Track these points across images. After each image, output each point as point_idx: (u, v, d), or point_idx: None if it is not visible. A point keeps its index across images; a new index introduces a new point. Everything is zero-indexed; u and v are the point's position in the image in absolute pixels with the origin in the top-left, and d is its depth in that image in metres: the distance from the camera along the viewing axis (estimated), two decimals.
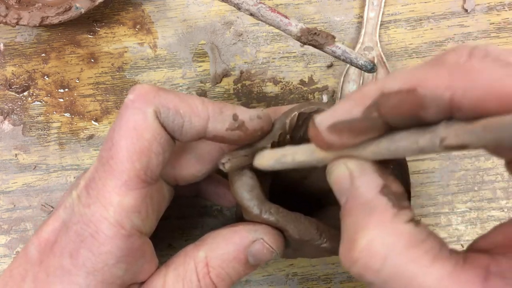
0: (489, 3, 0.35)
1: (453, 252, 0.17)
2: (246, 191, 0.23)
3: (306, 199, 0.29)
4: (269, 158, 0.22)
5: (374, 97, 0.17)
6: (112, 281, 0.21)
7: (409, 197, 0.24)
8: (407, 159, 0.34)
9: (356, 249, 0.17)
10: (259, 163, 0.23)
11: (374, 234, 0.17)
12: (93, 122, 0.34)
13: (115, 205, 0.21)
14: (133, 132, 0.21)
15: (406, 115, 0.17)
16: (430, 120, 0.17)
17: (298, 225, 0.23)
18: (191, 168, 0.25)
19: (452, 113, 0.16)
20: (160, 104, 0.21)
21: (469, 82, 0.15)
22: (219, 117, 0.22)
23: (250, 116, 0.23)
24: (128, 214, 0.21)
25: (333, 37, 0.27)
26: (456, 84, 0.16)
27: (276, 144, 0.24)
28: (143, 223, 0.22)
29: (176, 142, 0.23)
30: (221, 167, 0.22)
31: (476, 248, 0.19)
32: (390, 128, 0.18)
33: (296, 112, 0.24)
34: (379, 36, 0.34)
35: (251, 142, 0.24)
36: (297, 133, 0.24)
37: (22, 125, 0.34)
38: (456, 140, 0.16)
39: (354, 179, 0.19)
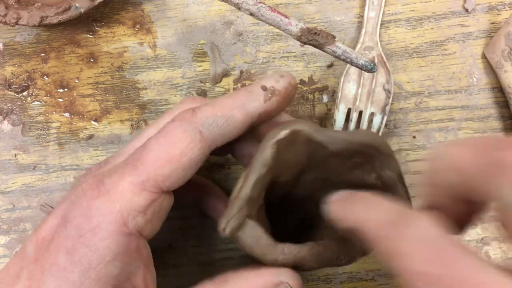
0: (489, 2, 0.35)
1: None
2: (253, 243, 0.23)
3: (300, 208, 0.29)
4: None
5: None
6: (106, 280, 0.21)
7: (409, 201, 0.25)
8: (408, 159, 0.34)
9: None
10: None
11: None
12: (92, 122, 0.34)
13: (124, 200, 0.21)
14: (169, 142, 0.22)
15: None
16: None
17: (314, 255, 0.23)
18: None
19: None
20: (199, 118, 0.22)
21: None
22: (251, 97, 0.23)
23: (275, 79, 0.24)
24: (135, 213, 0.21)
25: (333, 37, 0.27)
26: None
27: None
28: (145, 225, 0.22)
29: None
30: (222, 235, 0.22)
31: None
32: None
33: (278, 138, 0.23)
34: (380, 35, 0.34)
35: (290, 103, 0.25)
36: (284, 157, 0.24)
37: (21, 125, 0.34)
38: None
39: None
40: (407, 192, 0.25)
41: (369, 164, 0.25)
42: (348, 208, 0.21)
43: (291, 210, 0.29)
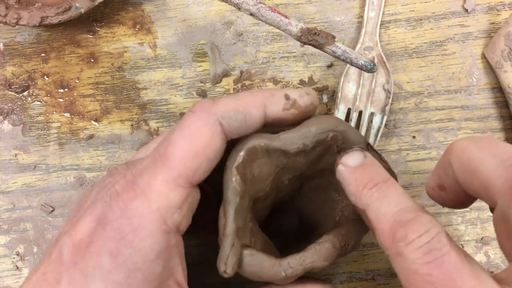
0: (489, 3, 0.35)
1: None
2: (258, 270, 0.23)
3: (293, 208, 0.29)
4: None
5: None
6: (151, 279, 0.21)
7: None
8: (408, 159, 0.34)
9: None
10: None
11: None
12: (93, 122, 0.34)
13: (161, 199, 0.21)
14: (192, 136, 0.22)
15: None
16: None
17: (318, 255, 0.23)
18: None
19: None
20: (220, 110, 0.23)
21: None
22: (273, 100, 0.24)
23: (300, 94, 0.25)
24: (173, 210, 0.22)
25: (333, 37, 0.27)
26: None
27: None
28: (182, 221, 0.22)
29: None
30: (225, 276, 0.22)
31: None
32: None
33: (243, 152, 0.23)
34: (379, 36, 0.34)
35: (304, 119, 0.25)
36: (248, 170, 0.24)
37: (21, 125, 0.34)
38: None
39: None
40: (380, 156, 0.25)
41: (333, 146, 0.25)
42: (364, 189, 0.22)
43: (287, 212, 0.29)
